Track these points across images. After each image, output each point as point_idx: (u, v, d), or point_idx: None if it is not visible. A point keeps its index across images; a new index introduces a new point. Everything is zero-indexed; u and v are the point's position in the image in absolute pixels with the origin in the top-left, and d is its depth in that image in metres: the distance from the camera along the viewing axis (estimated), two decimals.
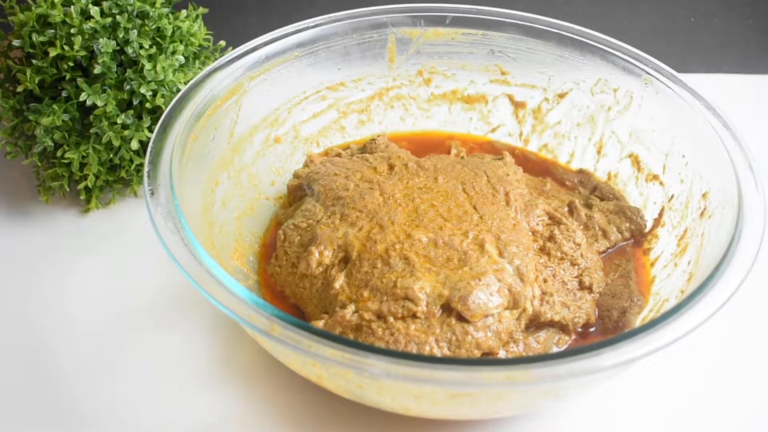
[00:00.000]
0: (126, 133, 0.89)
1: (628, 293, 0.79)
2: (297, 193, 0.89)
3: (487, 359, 0.70)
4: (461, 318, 0.71)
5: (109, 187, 0.96)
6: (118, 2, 0.89)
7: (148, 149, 0.75)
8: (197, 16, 0.99)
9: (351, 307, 0.72)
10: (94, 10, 0.87)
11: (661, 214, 0.86)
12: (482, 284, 0.71)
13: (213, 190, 0.83)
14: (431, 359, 0.63)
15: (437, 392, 0.65)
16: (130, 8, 0.90)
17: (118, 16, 0.88)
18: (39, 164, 0.92)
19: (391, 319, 0.71)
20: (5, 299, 0.85)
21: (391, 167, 0.85)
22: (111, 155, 0.90)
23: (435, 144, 1.00)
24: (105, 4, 0.89)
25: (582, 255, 0.79)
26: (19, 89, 0.88)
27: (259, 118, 0.91)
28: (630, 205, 0.88)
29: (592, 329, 0.78)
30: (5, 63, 0.91)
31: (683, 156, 0.84)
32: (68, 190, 0.94)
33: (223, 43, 1.03)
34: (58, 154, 0.89)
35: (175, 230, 0.69)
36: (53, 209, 0.95)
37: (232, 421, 0.74)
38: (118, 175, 0.93)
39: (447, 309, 0.71)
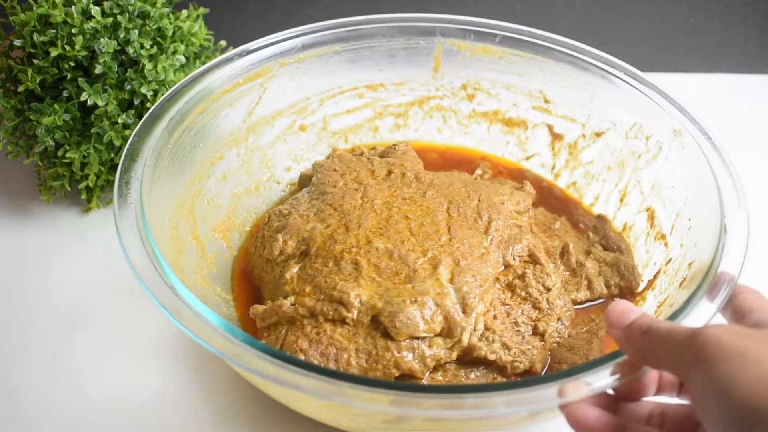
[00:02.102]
0: (127, 132, 0.89)
1: (586, 351, 0.74)
2: (305, 182, 0.91)
3: (374, 380, 0.66)
4: (387, 334, 0.69)
5: (110, 186, 0.95)
6: (119, 2, 0.90)
7: (142, 120, 0.76)
8: (198, 16, 0.99)
9: (291, 299, 0.73)
10: (95, 10, 0.88)
11: (656, 277, 0.80)
12: (417, 304, 0.70)
13: (213, 163, 0.86)
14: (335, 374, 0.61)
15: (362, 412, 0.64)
16: (131, 8, 0.90)
17: (119, 16, 0.88)
18: (40, 164, 0.92)
19: (321, 319, 0.71)
20: (5, 298, 0.84)
21: (389, 173, 0.85)
22: (112, 155, 0.91)
23: (464, 161, 0.98)
24: (106, 4, 0.89)
25: (548, 300, 0.75)
26: (21, 89, 0.88)
27: (287, 103, 0.93)
28: (627, 261, 0.82)
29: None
30: (6, 63, 0.91)
31: (689, 219, 0.77)
32: (69, 189, 0.93)
33: (223, 43, 1.03)
34: (59, 153, 0.90)
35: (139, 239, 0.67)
36: (54, 209, 0.95)
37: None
38: None
39: (376, 322, 0.70)
